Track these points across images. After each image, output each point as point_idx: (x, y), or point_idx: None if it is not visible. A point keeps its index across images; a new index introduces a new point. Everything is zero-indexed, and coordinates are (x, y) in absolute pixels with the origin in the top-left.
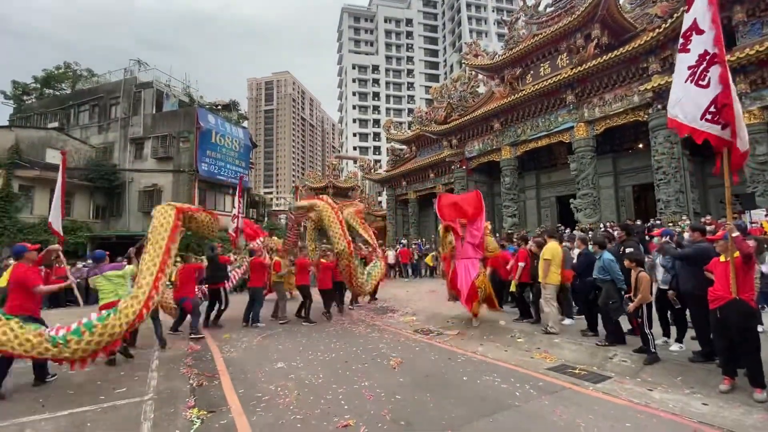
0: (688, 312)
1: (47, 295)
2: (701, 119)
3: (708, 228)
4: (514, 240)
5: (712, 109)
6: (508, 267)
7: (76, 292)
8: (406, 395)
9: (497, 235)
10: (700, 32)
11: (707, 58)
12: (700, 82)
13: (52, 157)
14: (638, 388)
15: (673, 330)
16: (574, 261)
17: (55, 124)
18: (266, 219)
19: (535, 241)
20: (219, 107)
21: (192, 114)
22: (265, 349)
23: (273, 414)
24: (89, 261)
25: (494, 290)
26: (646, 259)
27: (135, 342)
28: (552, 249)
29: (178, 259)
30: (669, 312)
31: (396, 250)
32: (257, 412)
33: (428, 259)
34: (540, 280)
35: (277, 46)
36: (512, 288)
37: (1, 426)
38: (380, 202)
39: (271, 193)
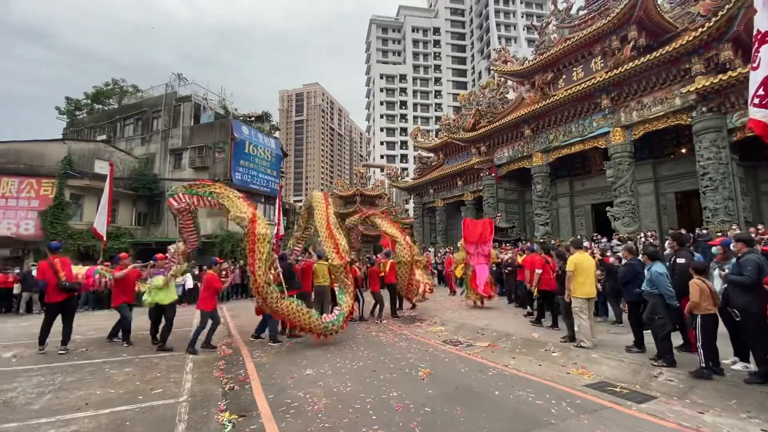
0: None
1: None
2: (750, 104)
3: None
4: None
5: (760, 92)
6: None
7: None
8: (435, 408)
9: (528, 243)
10: (754, 11)
11: (759, 37)
12: (753, 65)
13: (100, 167)
14: (687, 410)
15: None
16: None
17: (103, 137)
18: (296, 226)
19: (556, 252)
20: (252, 119)
21: (227, 125)
22: (294, 355)
23: (302, 421)
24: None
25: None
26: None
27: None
28: (575, 260)
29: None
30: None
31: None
32: (286, 419)
33: (458, 270)
34: (573, 293)
35: (308, 58)
36: (534, 293)
37: (48, 422)
38: (407, 210)
39: (300, 201)
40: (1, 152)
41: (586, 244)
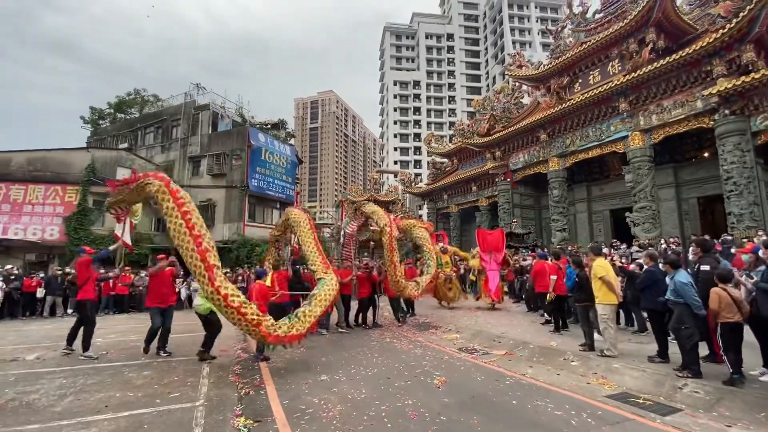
0: None
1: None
2: None
3: None
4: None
5: None
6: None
7: None
8: (451, 417)
9: (545, 250)
10: None
11: None
12: None
13: (122, 175)
14: (714, 423)
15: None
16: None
17: (125, 145)
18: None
19: (573, 259)
20: (268, 126)
21: (244, 133)
22: (309, 360)
23: (317, 428)
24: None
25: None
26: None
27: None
28: (604, 266)
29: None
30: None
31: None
32: (301, 425)
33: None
34: (597, 300)
35: (323, 66)
36: (548, 299)
37: (69, 423)
38: (421, 215)
39: (315, 206)
40: (30, 160)
41: (605, 250)
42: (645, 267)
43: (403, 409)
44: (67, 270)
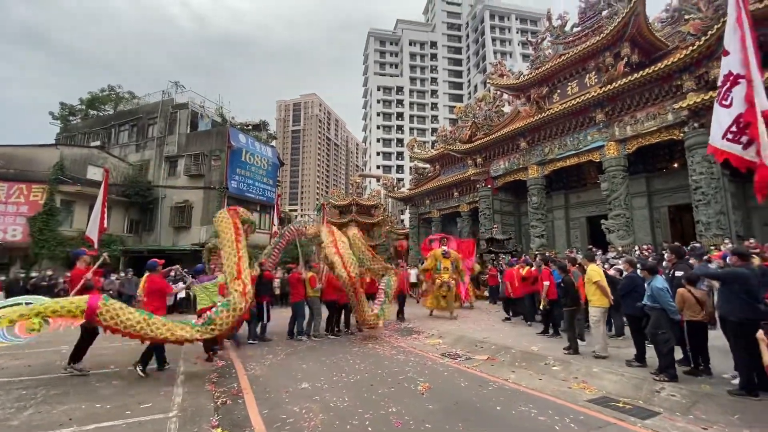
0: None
1: None
2: (722, 138)
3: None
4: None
5: (733, 128)
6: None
7: None
8: (436, 424)
9: (525, 255)
10: (726, 53)
11: (731, 78)
12: (723, 102)
13: (93, 173)
14: (692, 426)
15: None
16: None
17: (97, 143)
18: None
19: (558, 265)
20: (249, 127)
21: (224, 133)
22: (290, 367)
23: None
24: (122, 274)
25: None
26: (705, 284)
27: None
28: (599, 271)
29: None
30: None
31: (419, 269)
32: None
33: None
34: (591, 303)
35: (307, 69)
36: (542, 305)
37: None
38: (403, 220)
39: (296, 210)
40: None
41: (579, 256)
42: (625, 273)
43: (387, 417)
44: (32, 274)
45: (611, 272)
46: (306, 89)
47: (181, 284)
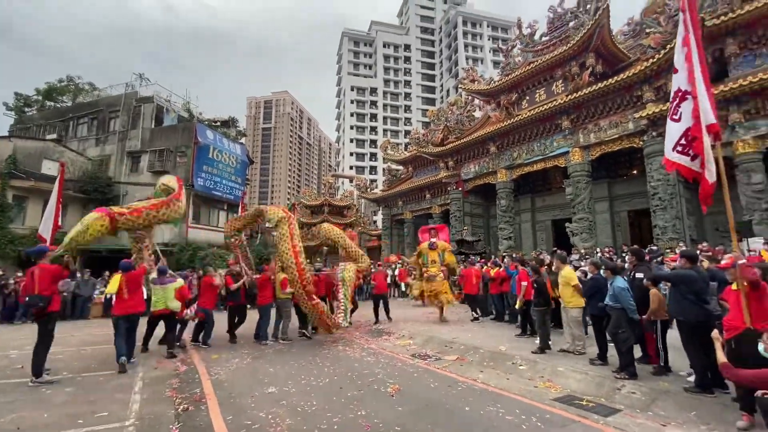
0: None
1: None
2: (672, 150)
3: (707, 255)
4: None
5: (682, 141)
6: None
7: None
8: (405, 426)
9: (494, 257)
10: (675, 71)
11: (680, 94)
12: (674, 117)
13: (48, 168)
14: (651, 423)
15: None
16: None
17: (54, 136)
18: (260, 236)
19: (531, 266)
20: (218, 123)
21: (191, 129)
22: (256, 371)
23: None
24: (78, 275)
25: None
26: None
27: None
28: (573, 273)
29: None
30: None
31: (394, 270)
32: None
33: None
34: (567, 304)
35: (280, 67)
36: (518, 305)
37: None
38: (375, 221)
39: None
40: None
41: (547, 257)
42: (590, 275)
43: (356, 421)
44: None
45: (577, 274)
46: (278, 87)
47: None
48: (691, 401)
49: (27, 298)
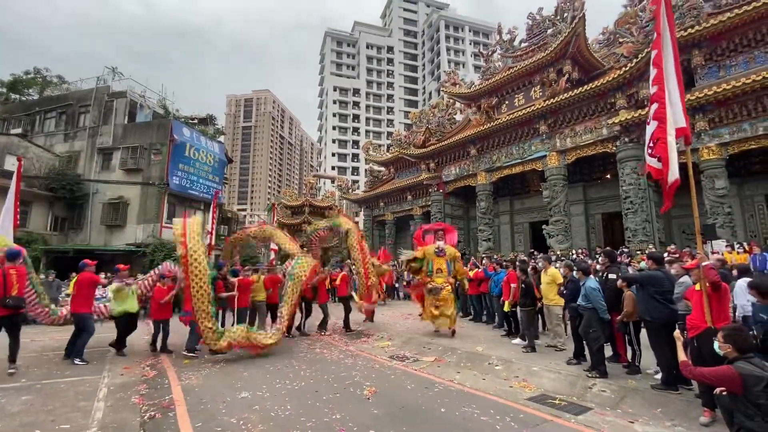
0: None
1: None
2: (646, 153)
3: (671, 257)
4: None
5: (650, 143)
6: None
7: None
8: (380, 429)
9: (473, 258)
10: (648, 77)
11: (653, 98)
12: (648, 121)
13: (12, 164)
14: (619, 420)
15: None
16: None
17: (19, 130)
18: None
19: (520, 267)
20: (195, 121)
21: (166, 126)
22: (229, 375)
23: None
24: (42, 276)
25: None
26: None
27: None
28: (558, 273)
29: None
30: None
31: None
32: None
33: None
34: (549, 303)
35: (262, 65)
36: (506, 308)
37: None
38: (357, 222)
39: (245, 210)
40: None
41: (525, 258)
42: (565, 276)
43: (331, 425)
44: None
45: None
46: (259, 85)
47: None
48: (657, 398)
49: (9, 300)
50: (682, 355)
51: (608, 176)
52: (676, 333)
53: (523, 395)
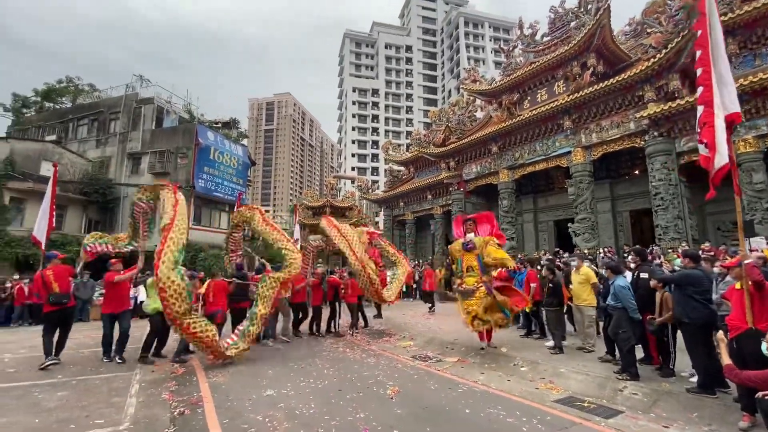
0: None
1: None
2: (698, 141)
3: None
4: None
5: (698, 129)
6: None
7: None
8: (404, 429)
9: None
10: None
11: (696, 81)
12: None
13: (47, 170)
14: (653, 424)
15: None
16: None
17: (53, 137)
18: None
19: (547, 266)
20: (219, 125)
21: (191, 130)
22: (255, 373)
23: None
24: (78, 278)
25: None
26: None
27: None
28: (591, 272)
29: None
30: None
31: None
32: None
33: None
34: (582, 303)
35: (282, 68)
36: (528, 309)
37: None
38: (377, 222)
39: (268, 211)
40: None
41: (549, 257)
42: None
43: (354, 424)
44: None
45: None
46: (280, 89)
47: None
48: (693, 402)
49: (51, 297)
50: (726, 359)
51: (636, 172)
52: (719, 335)
53: (550, 397)
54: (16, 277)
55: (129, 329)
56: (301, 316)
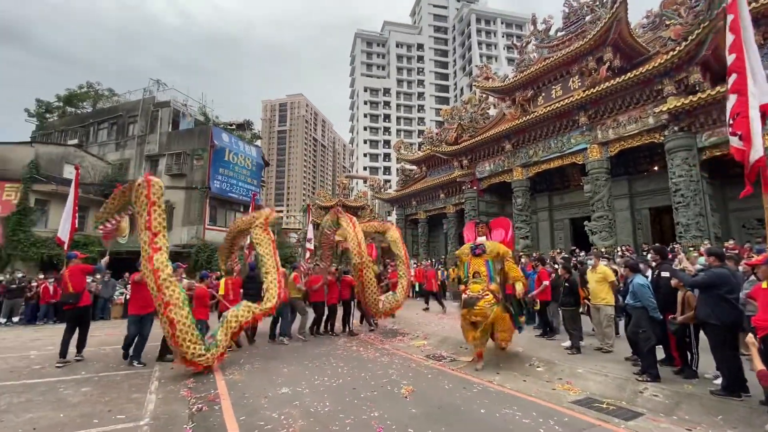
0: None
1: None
2: (729, 133)
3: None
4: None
5: (730, 120)
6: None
7: None
8: (419, 428)
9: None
10: (723, 39)
11: (728, 68)
12: (728, 95)
13: (69, 172)
14: (675, 427)
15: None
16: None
17: (75, 141)
18: (276, 236)
19: (563, 264)
20: (233, 126)
21: (207, 132)
22: (270, 371)
23: None
24: (99, 276)
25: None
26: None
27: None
28: (610, 270)
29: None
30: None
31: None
32: None
33: None
34: (600, 302)
35: (294, 70)
36: (537, 306)
37: None
38: (390, 221)
39: (281, 211)
40: None
41: (565, 256)
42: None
43: (369, 422)
44: (8, 276)
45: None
46: (292, 90)
47: None
48: (717, 405)
49: (65, 296)
50: (759, 363)
51: (655, 168)
52: (750, 338)
53: (567, 398)
54: (41, 276)
55: (149, 334)
56: (326, 313)
